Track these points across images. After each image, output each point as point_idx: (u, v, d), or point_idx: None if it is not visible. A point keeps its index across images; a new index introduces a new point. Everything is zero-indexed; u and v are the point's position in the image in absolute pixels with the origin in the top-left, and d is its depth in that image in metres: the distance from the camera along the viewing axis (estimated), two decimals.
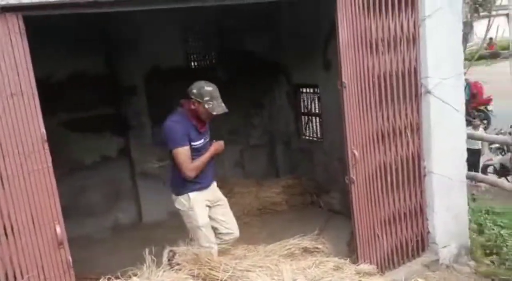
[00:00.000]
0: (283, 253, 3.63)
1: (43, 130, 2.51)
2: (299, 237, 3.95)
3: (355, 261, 3.47)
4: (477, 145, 7.55)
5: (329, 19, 3.50)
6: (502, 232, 4.58)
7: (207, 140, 3.49)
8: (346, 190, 3.71)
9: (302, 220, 5.24)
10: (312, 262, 2.85)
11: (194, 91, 3.24)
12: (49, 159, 2.53)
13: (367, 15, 3.51)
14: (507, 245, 4.28)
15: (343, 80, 3.48)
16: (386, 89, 3.70)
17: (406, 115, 3.81)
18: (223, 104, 3.30)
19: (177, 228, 3.84)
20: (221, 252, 3.43)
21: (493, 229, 4.72)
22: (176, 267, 2.84)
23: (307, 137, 6.23)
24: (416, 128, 3.88)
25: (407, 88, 3.77)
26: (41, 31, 4.13)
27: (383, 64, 3.65)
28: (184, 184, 3.34)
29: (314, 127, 6.12)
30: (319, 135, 6.01)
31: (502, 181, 4.38)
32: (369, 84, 3.61)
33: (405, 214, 3.91)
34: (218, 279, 2.65)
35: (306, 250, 3.79)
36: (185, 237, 3.35)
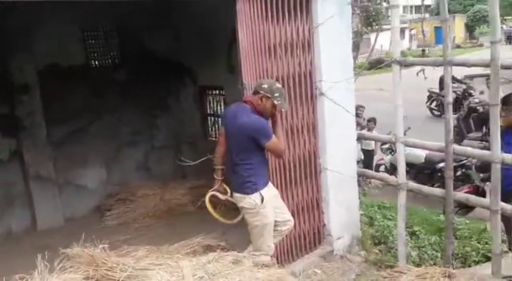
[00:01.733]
0: (186, 252, 3.65)
1: None
2: (203, 236, 3.99)
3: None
4: (371, 146, 8.17)
5: (232, 22, 3.61)
6: (389, 224, 5.02)
7: None
8: None
9: (209, 220, 5.21)
10: (212, 257, 2.90)
11: (265, 86, 3.24)
12: None
13: (265, 21, 3.68)
14: (392, 235, 4.69)
15: (244, 81, 3.61)
16: (284, 90, 3.89)
17: (303, 115, 4.05)
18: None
19: (75, 234, 3.67)
20: (121, 255, 3.35)
21: (382, 221, 5.15)
22: None
23: (213, 139, 6.30)
24: (312, 127, 4.13)
25: (303, 90, 4.01)
26: None
27: (281, 67, 3.84)
28: (255, 181, 3.26)
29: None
30: None
31: (388, 176, 4.82)
32: None
33: (303, 208, 4.14)
34: (115, 279, 2.59)
35: (209, 248, 3.84)
36: (83, 242, 3.21)
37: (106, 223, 5.39)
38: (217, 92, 6.08)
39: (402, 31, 36.08)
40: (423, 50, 27.53)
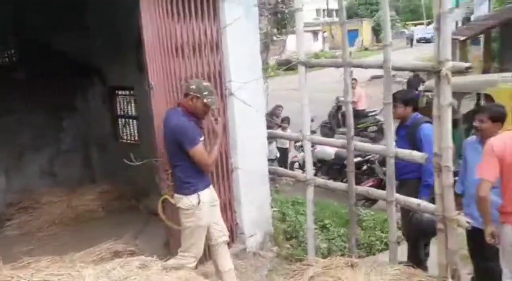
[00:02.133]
0: (92, 259, 3.49)
1: None
2: (111, 242, 3.85)
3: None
4: (286, 144, 8.44)
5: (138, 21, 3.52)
6: (300, 219, 5.20)
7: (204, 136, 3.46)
8: None
9: (120, 225, 5.11)
10: (117, 264, 2.81)
11: (193, 87, 3.25)
12: None
13: (171, 20, 3.65)
14: (303, 230, 4.88)
15: (151, 81, 3.55)
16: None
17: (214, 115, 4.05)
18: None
19: None
20: (18, 267, 3.12)
21: (294, 217, 5.33)
22: None
23: (124, 140, 6.11)
24: (223, 128, 4.15)
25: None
26: None
27: (190, 67, 3.82)
28: (193, 183, 3.27)
29: (132, 130, 6.04)
30: (136, 138, 5.95)
31: (297, 173, 5.00)
32: (177, 86, 3.74)
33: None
34: None
35: (117, 254, 3.71)
36: None
37: (6, 233, 5.01)
38: (128, 92, 5.90)
39: (316, 33, 37.67)
40: (350, 53, 28.95)
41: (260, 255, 4.42)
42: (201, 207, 3.28)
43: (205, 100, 3.24)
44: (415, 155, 3.36)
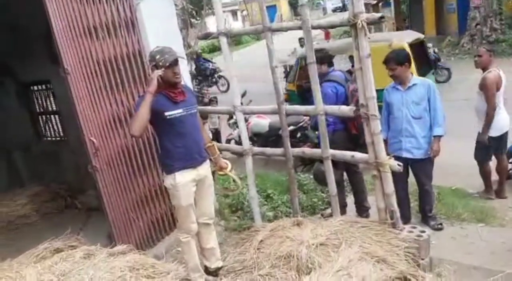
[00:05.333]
0: (32, 261, 3.29)
1: None
2: (49, 241, 3.65)
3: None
4: (217, 124, 8.40)
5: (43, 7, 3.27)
6: (243, 191, 5.20)
7: (191, 111, 3.22)
8: None
9: (58, 226, 4.83)
10: (59, 258, 2.68)
11: (148, 59, 3.15)
12: None
13: (79, 1, 3.45)
14: (247, 201, 4.92)
15: (66, 67, 3.36)
16: (114, 73, 3.72)
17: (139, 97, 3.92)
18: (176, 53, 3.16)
19: None
20: None
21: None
22: None
23: (49, 138, 5.77)
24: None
25: (135, 70, 3.88)
26: None
27: (106, 49, 3.66)
28: (170, 163, 3.20)
29: (56, 126, 5.71)
30: (62, 133, 5.64)
31: (233, 145, 5.00)
32: (95, 70, 3.57)
33: (156, 191, 4.07)
34: None
35: (59, 251, 3.52)
36: None
37: None
38: (44, 87, 5.54)
39: (235, 13, 37.53)
40: None
41: None
42: (178, 188, 3.23)
43: (160, 64, 3.05)
44: (344, 109, 3.48)
